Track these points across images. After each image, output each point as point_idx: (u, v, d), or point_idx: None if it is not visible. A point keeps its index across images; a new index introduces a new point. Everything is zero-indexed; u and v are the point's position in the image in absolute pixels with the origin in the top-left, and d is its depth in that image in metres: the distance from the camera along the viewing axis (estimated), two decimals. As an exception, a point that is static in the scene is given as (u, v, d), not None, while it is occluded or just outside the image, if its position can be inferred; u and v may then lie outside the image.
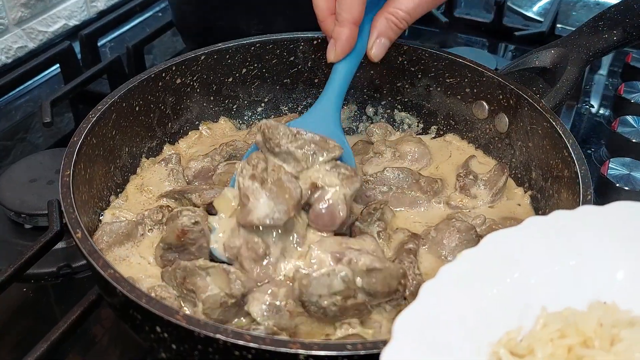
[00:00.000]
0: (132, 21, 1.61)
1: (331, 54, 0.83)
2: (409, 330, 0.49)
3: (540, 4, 1.69)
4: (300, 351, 0.53)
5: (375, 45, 0.83)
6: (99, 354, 0.81)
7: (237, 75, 1.03)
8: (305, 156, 0.74)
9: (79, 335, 0.78)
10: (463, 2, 1.76)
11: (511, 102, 0.89)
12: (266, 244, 0.70)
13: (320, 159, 0.74)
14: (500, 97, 0.91)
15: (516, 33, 1.41)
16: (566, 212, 0.58)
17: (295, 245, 0.71)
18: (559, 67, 0.93)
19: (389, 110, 1.06)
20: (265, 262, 0.69)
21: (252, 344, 0.54)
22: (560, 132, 0.79)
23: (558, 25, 1.51)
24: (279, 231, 0.70)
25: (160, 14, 1.66)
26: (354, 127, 1.08)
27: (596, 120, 1.26)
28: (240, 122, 1.06)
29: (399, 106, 1.05)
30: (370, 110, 1.07)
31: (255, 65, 1.03)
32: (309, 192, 0.73)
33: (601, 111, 1.28)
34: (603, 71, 1.40)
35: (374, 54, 0.84)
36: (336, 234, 0.74)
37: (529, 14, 1.65)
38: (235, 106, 1.05)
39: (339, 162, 0.76)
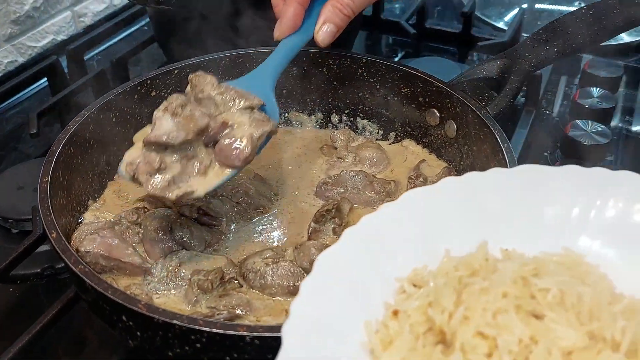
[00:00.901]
0: (118, 35, 1.68)
1: (277, 31, 0.91)
2: (327, 266, 0.57)
3: (510, 15, 1.77)
4: (245, 333, 0.60)
5: (321, 30, 0.89)
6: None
7: (210, 88, 1.10)
8: (224, 101, 0.80)
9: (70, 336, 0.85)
10: (436, 13, 1.84)
11: (457, 109, 0.97)
12: (163, 160, 0.75)
13: (238, 105, 0.80)
14: (449, 105, 0.99)
15: (479, 43, 1.49)
16: (477, 173, 0.66)
17: (196, 171, 0.77)
18: (504, 77, 1.01)
19: (352, 118, 1.14)
20: (158, 176, 0.75)
21: (205, 328, 0.61)
22: (497, 137, 0.86)
23: (524, 34, 1.59)
24: (178, 154, 0.76)
25: (145, 28, 1.73)
26: (321, 134, 1.16)
27: (553, 125, 1.33)
28: (214, 131, 1.14)
29: (360, 114, 1.13)
30: (335, 118, 1.15)
31: (226, 78, 1.10)
32: (219, 131, 0.78)
33: (558, 116, 1.36)
34: (563, 77, 1.48)
35: (320, 39, 0.90)
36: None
37: (499, 24, 1.73)
38: (208, 117, 1.12)
39: (257, 110, 0.81)
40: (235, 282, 0.82)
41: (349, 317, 0.55)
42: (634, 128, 1.33)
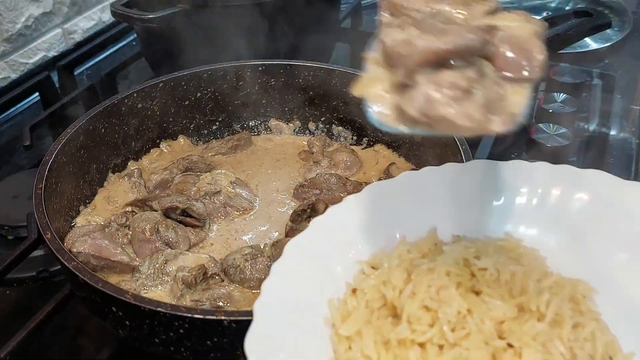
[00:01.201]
0: (107, 50, 1.76)
1: None
2: (295, 251, 0.64)
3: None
4: (223, 317, 0.67)
5: None
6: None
7: (192, 99, 1.17)
8: (459, 11, 0.57)
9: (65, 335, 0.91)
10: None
11: (423, 115, 1.04)
12: (466, 76, 0.52)
13: (480, 10, 0.57)
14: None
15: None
16: (433, 167, 0.74)
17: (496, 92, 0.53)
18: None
19: (327, 125, 1.22)
20: (467, 103, 0.51)
21: (186, 314, 0.68)
22: (457, 140, 0.94)
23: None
24: (469, 69, 0.53)
25: (134, 43, 1.81)
26: (299, 141, 1.23)
27: (520, 129, 1.41)
28: (197, 139, 1.21)
29: (335, 122, 1.21)
30: (312, 125, 1.22)
31: (208, 90, 1.18)
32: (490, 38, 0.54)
33: (525, 121, 1.43)
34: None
35: None
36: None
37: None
38: (192, 125, 1.20)
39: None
40: (217, 277, 0.89)
41: (314, 295, 0.62)
42: (592, 128, 1.41)
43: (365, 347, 0.57)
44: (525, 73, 0.54)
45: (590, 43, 1.73)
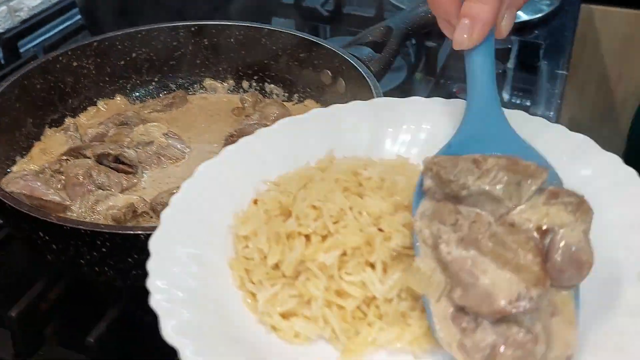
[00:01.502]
0: (52, 24, 1.79)
1: (464, 39, 0.64)
2: (206, 172, 0.70)
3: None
4: (140, 232, 0.73)
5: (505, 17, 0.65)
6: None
7: (127, 59, 1.23)
8: (508, 193, 0.56)
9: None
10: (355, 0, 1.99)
11: (344, 68, 1.12)
12: (527, 328, 0.52)
13: (528, 190, 0.56)
14: (337, 65, 1.13)
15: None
16: (340, 105, 0.81)
17: (551, 316, 0.54)
18: (385, 41, 1.16)
19: (260, 83, 1.28)
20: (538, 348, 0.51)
21: (105, 230, 0.74)
22: (372, 89, 1.01)
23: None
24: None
25: (78, 17, 1.84)
26: (233, 99, 1.29)
27: (448, 92, 1.49)
28: (135, 98, 1.26)
29: (267, 79, 1.27)
30: (245, 84, 1.29)
31: (143, 50, 1.23)
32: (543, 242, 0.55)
33: (453, 84, 1.52)
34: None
35: (504, 28, 0.66)
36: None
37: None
38: (129, 85, 1.25)
39: (552, 187, 0.57)
40: (147, 215, 0.95)
41: (221, 210, 0.69)
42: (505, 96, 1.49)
43: (259, 243, 0.63)
44: (571, 284, 0.54)
45: (520, 14, 1.82)
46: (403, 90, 1.44)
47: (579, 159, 0.70)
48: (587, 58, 2.24)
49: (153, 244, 0.61)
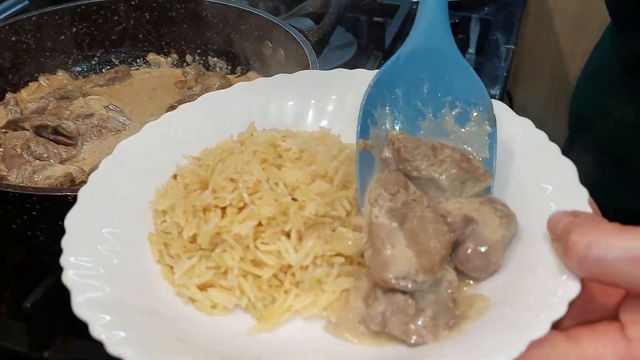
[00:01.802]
0: None
1: None
2: (126, 149, 0.70)
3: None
4: (68, 193, 0.73)
5: None
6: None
7: (68, 34, 1.21)
8: (453, 187, 0.63)
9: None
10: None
11: (283, 39, 1.11)
12: (411, 296, 0.56)
13: (470, 190, 0.63)
14: (276, 36, 1.13)
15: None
16: (264, 78, 0.81)
17: (449, 291, 0.58)
18: (324, 12, 1.16)
19: (204, 57, 1.27)
20: (419, 319, 0.56)
21: (34, 192, 0.75)
22: (309, 60, 1.01)
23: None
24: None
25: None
26: (176, 72, 1.28)
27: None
28: (77, 74, 1.25)
29: (211, 53, 1.27)
30: (188, 58, 1.28)
31: (84, 25, 1.22)
32: (462, 229, 0.60)
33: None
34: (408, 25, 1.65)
35: None
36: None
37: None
38: (70, 60, 1.24)
39: (490, 196, 0.64)
40: (84, 184, 0.94)
41: (141, 186, 0.69)
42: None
43: (176, 217, 0.64)
44: (475, 274, 0.60)
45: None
46: (352, 67, 1.44)
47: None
48: (542, 35, 2.26)
49: (68, 221, 0.61)
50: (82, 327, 0.52)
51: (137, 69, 1.28)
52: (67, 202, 0.73)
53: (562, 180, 0.63)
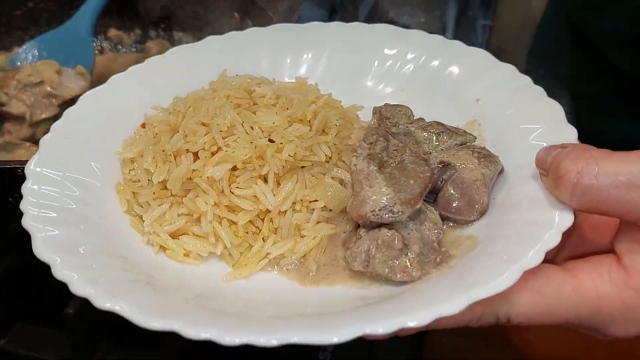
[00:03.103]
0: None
1: None
2: (91, 100, 0.66)
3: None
4: (17, 165, 0.68)
5: None
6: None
7: (24, 9, 1.15)
8: (429, 138, 0.62)
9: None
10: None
11: (250, 8, 1.08)
12: (402, 236, 0.54)
13: (448, 141, 0.62)
14: (244, 6, 1.10)
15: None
16: (237, 32, 0.79)
17: (434, 233, 0.57)
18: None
19: (169, 32, 1.23)
20: (404, 259, 0.54)
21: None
22: (274, 19, 0.98)
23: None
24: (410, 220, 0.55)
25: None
26: (141, 49, 1.24)
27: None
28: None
29: (176, 27, 1.22)
30: (152, 33, 1.23)
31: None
32: (440, 174, 0.59)
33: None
34: None
35: None
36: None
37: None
38: (27, 37, 1.18)
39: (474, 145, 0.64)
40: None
41: (107, 137, 0.65)
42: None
43: (145, 163, 0.60)
44: (461, 217, 0.58)
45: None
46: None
47: (476, 73, 0.70)
48: (519, 12, 2.26)
49: (29, 169, 0.57)
50: (125, 333, 0.47)
51: (98, 45, 1.22)
52: (17, 175, 0.67)
53: (549, 121, 0.61)
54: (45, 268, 0.49)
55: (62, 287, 0.47)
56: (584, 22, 1.07)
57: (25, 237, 0.52)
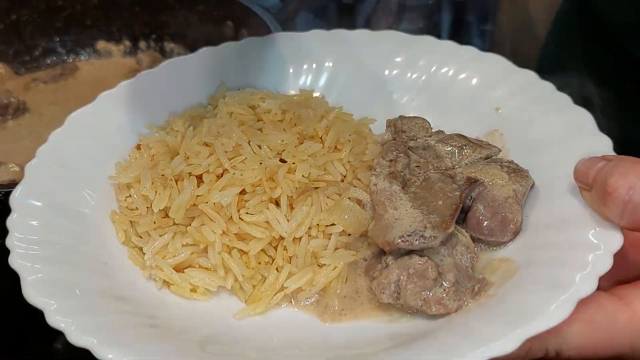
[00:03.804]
0: None
1: None
2: (78, 121, 0.62)
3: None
4: None
5: None
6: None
7: (7, 22, 1.09)
8: (451, 152, 0.57)
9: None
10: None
11: (245, 17, 1.03)
12: (436, 265, 0.48)
13: (470, 156, 0.57)
14: (239, 15, 1.05)
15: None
16: (232, 42, 0.75)
17: (468, 259, 0.51)
18: (289, -14, 1.08)
19: (160, 43, 1.17)
20: (439, 290, 0.48)
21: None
22: (271, 27, 0.92)
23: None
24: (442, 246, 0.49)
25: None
26: (129, 62, 1.18)
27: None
28: (19, 66, 1.13)
29: (167, 38, 1.16)
30: (142, 44, 1.18)
31: (25, 11, 1.10)
32: (468, 192, 0.53)
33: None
34: None
35: None
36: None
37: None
38: (11, 51, 1.12)
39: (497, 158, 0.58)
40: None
41: (98, 160, 0.59)
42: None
43: (143, 189, 0.55)
44: (493, 238, 0.52)
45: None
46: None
47: (494, 79, 0.66)
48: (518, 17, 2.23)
49: (14, 199, 0.51)
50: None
51: (86, 59, 1.17)
52: None
53: (579, 130, 0.56)
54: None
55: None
56: (606, 13, 1.02)
57: (6, 266, 0.47)
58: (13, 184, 0.58)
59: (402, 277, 0.48)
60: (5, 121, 0.98)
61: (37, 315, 0.43)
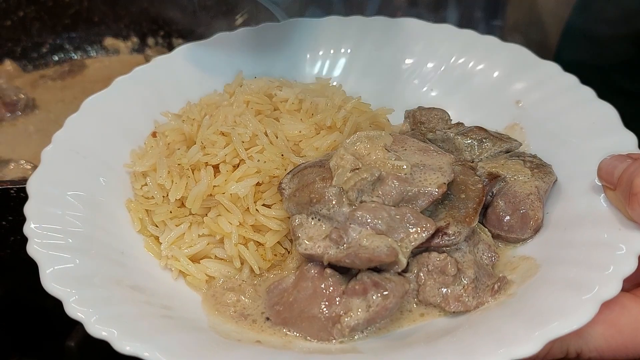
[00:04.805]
0: None
1: None
2: (94, 106, 0.60)
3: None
4: (9, 186, 0.61)
5: None
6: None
7: (15, 19, 1.09)
8: (470, 145, 0.56)
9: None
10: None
11: (256, 12, 1.02)
12: (456, 261, 0.48)
13: (490, 149, 0.56)
14: (248, 10, 1.04)
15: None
16: (249, 28, 0.73)
17: (489, 256, 0.50)
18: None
19: (167, 39, 1.17)
20: (458, 287, 0.47)
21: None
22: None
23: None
24: (464, 243, 0.49)
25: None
26: (137, 59, 1.17)
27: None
28: (27, 63, 1.13)
29: (175, 34, 1.16)
30: (150, 41, 1.17)
31: (32, 8, 1.10)
32: (489, 188, 0.52)
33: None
34: None
35: None
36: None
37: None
38: (19, 48, 1.11)
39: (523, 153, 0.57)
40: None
41: (113, 146, 0.58)
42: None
43: (159, 178, 0.54)
44: (513, 235, 0.51)
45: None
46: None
47: (515, 71, 0.65)
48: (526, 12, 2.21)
49: (31, 185, 0.50)
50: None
51: (94, 56, 1.16)
52: (10, 196, 0.60)
53: (603, 125, 0.55)
54: (45, 296, 0.43)
55: (63, 316, 0.41)
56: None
57: (22, 263, 0.46)
58: (24, 181, 0.57)
59: (420, 273, 0.47)
60: (14, 118, 0.98)
61: (49, 313, 0.42)
